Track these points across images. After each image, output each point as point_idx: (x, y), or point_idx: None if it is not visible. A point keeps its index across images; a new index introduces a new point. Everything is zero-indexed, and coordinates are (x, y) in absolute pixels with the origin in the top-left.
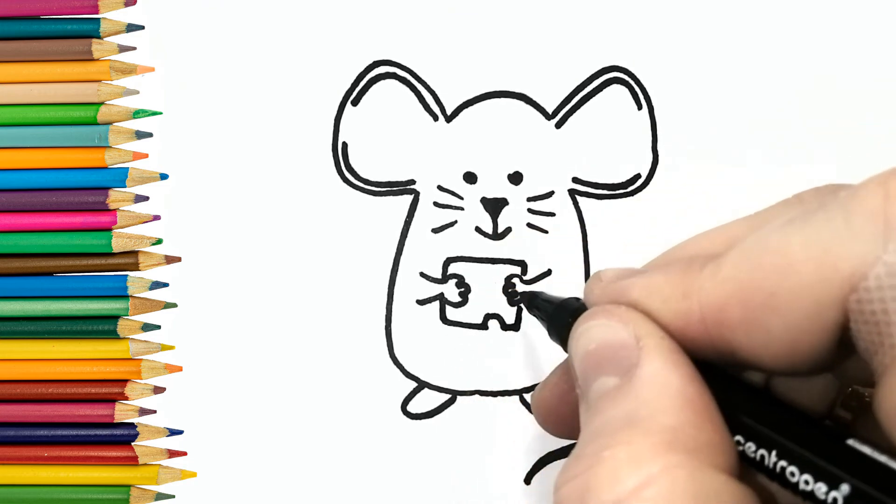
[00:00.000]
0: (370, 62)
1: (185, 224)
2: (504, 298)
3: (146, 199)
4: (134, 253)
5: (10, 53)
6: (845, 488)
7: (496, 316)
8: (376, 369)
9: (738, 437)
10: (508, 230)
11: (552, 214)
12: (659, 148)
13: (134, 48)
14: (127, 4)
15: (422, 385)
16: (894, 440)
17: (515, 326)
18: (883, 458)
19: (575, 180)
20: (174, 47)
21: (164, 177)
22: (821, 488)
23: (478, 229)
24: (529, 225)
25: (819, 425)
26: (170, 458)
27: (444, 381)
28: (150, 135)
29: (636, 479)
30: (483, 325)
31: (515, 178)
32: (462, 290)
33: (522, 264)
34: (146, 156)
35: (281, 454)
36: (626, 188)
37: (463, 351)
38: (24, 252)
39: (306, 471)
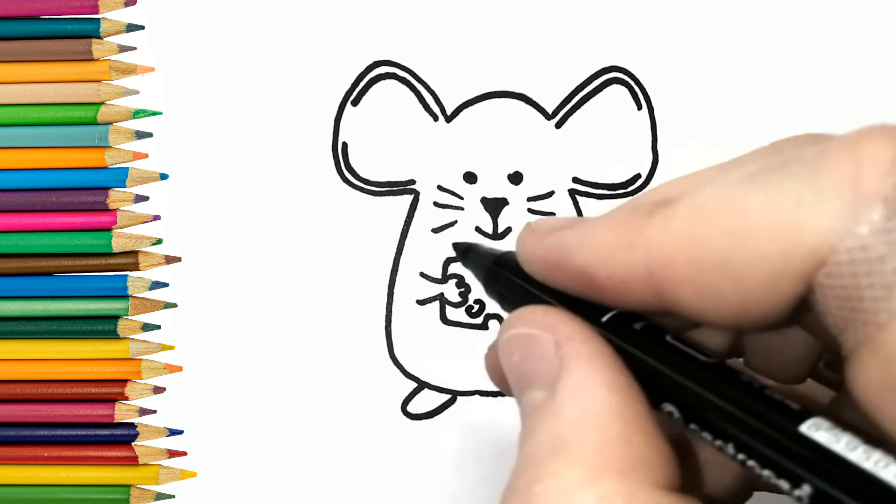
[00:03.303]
0: (370, 62)
1: (185, 224)
2: None
3: (146, 199)
4: (134, 253)
5: (10, 53)
6: (807, 489)
7: (496, 316)
8: (376, 369)
9: (694, 425)
10: (509, 230)
11: (552, 214)
12: (659, 148)
13: (134, 48)
14: (127, 4)
15: (422, 385)
16: (873, 417)
17: None
18: (839, 449)
19: (575, 180)
20: (174, 47)
21: (164, 177)
22: (784, 484)
23: (478, 229)
24: None
25: (773, 407)
26: (170, 458)
27: (444, 381)
28: (150, 135)
29: None
30: (483, 326)
31: (515, 177)
32: (462, 290)
33: None
34: (146, 156)
35: (281, 454)
36: (626, 188)
37: (463, 351)
38: (24, 252)
39: (306, 471)
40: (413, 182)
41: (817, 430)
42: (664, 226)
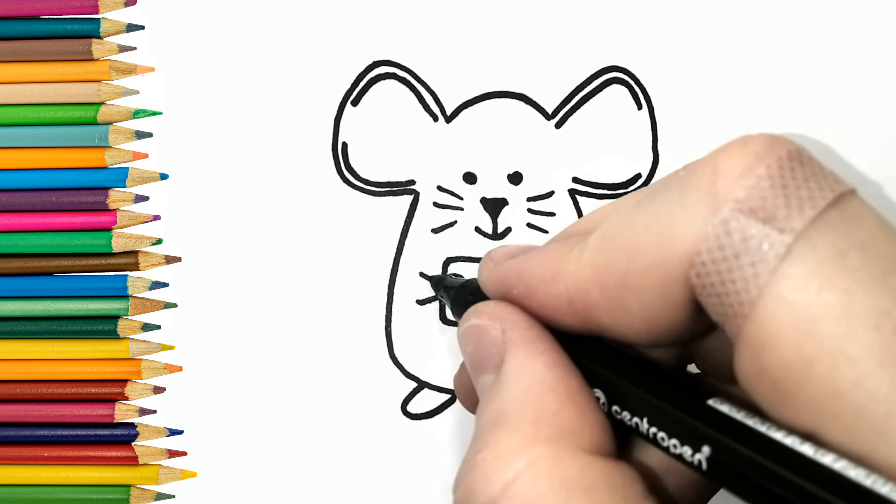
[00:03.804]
0: (370, 62)
1: (185, 224)
2: None
3: (146, 199)
4: (134, 253)
5: (10, 53)
6: (706, 450)
7: None
8: (376, 369)
9: (616, 407)
10: (508, 230)
11: (552, 214)
12: (659, 148)
13: (134, 48)
14: (127, 4)
15: (422, 385)
16: (755, 401)
17: None
18: (739, 417)
19: (575, 180)
20: (174, 47)
21: (164, 177)
22: (686, 451)
23: (478, 229)
24: (529, 225)
25: (684, 388)
26: (170, 458)
27: (444, 381)
28: (150, 135)
29: (504, 479)
30: None
31: (515, 178)
32: None
33: None
34: (146, 156)
35: (281, 454)
36: (626, 188)
37: None
38: (24, 252)
39: (306, 471)
40: (413, 182)
41: (721, 404)
42: (578, 259)
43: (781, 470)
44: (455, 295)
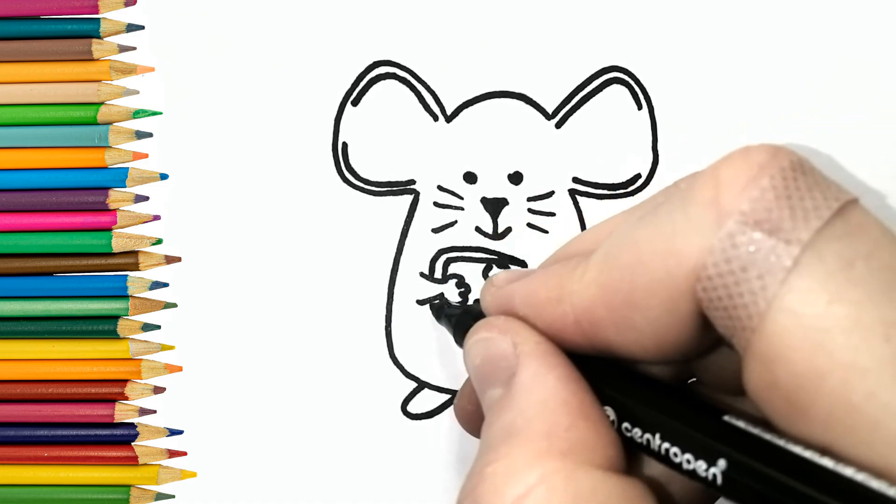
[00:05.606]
0: (370, 62)
1: (185, 224)
2: None
3: (146, 199)
4: (134, 253)
5: (10, 53)
6: (722, 463)
7: None
8: (376, 369)
9: (626, 424)
10: (508, 230)
11: (552, 214)
12: (659, 148)
13: (134, 48)
14: (127, 4)
15: (422, 385)
16: (766, 415)
17: None
18: (756, 431)
19: (575, 180)
20: (174, 47)
21: (164, 177)
22: (701, 466)
23: (478, 229)
24: (529, 225)
25: (698, 405)
26: (170, 458)
27: (444, 381)
28: (150, 135)
29: (516, 492)
30: None
31: (515, 178)
32: (462, 290)
33: (523, 264)
34: (146, 156)
35: (281, 454)
36: (626, 188)
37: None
38: (24, 252)
39: (306, 471)
40: (413, 182)
41: (736, 420)
42: (582, 278)
43: (802, 484)
44: (457, 321)
